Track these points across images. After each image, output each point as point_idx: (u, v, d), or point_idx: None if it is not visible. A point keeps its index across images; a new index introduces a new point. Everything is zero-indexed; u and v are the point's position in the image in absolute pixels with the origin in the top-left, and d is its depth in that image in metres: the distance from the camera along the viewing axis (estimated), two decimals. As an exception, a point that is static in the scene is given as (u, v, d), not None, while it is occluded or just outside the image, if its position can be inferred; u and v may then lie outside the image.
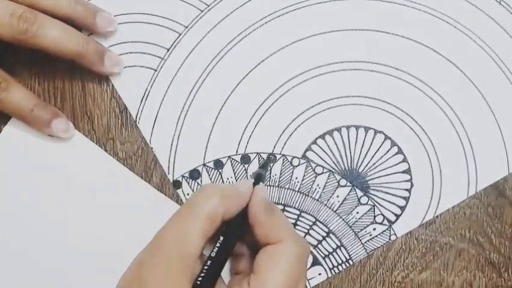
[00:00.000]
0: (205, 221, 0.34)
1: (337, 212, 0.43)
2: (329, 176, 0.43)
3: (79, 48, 0.40)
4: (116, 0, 0.43)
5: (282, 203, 0.42)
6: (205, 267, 0.35)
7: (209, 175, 0.42)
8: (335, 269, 0.42)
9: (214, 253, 0.35)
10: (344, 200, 0.43)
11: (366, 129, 0.43)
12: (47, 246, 0.41)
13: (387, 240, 0.42)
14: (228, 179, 0.42)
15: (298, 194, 0.43)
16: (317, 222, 0.42)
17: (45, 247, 0.41)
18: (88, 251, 0.41)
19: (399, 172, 0.43)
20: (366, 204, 0.43)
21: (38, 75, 0.43)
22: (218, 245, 0.36)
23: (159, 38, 0.43)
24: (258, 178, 0.39)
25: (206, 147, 0.43)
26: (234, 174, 0.42)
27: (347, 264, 0.42)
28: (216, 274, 0.35)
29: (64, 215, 0.41)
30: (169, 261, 0.33)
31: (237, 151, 0.43)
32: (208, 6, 0.44)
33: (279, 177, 0.43)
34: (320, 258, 0.42)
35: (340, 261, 0.42)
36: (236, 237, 0.37)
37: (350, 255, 0.42)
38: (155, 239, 0.35)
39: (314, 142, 0.43)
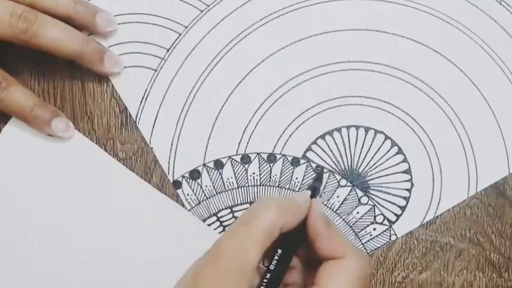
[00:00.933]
0: (263, 234, 0.34)
1: (337, 212, 0.42)
2: (329, 176, 0.43)
3: (79, 48, 0.40)
4: (116, 0, 0.43)
5: (282, 203, 0.42)
6: (265, 280, 0.35)
7: (209, 175, 0.42)
8: (335, 269, 0.42)
9: (273, 266, 0.35)
10: (344, 200, 0.43)
11: (367, 129, 0.43)
12: (47, 246, 0.41)
13: (388, 240, 0.42)
14: (228, 179, 0.42)
15: (299, 194, 0.43)
16: (317, 222, 0.42)
17: (44, 247, 0.41)
18: (88, 251, 0.41)
19: (400, 172, 0.43)
20: (367, 204, 0.42)
21: (38, 75, 0.43)
22: (276, 257, 0.36)
23: (159, 38, 0.43)
24: (313, 191, 0.39)
25: (206, 148, 0.43)
26: (234, 174, 0.42)
27: (347, 265, 0.42)
28: (276, 287, 0.35)
29: (64, 215, 0.41)
30: (226, 273, 0.33)
31: (237, 151, 0.43)
32: (208, 6, 0.44)
33: (279, 178, 0.43)
34: (320, 259, 0.42)
35: (340, 262, 0.42)
36: (295, 250, 0.37)
37: (350, 256, 0.42)
38: (213, 250, 0.35)
39: (314, 142, 0.43)
